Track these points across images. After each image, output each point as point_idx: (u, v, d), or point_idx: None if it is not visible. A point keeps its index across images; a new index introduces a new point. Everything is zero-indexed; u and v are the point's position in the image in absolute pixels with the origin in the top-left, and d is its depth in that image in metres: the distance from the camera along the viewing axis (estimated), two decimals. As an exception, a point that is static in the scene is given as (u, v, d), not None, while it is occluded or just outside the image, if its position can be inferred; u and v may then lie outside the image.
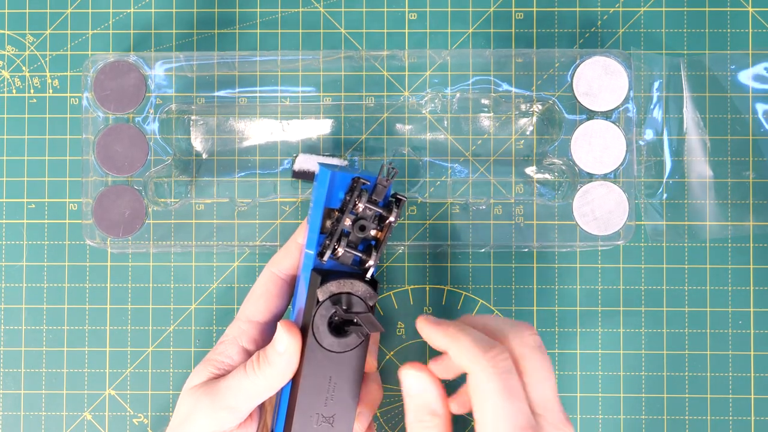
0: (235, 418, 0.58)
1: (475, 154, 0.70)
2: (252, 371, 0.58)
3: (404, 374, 0.58)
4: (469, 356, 0.54)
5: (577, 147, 0.67)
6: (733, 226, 0.70)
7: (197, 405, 0.58)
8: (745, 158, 0.70)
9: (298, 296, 0.61)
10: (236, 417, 0.58)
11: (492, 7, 0.72)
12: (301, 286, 0.60)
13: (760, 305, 0.70)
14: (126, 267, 0.71)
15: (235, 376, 0.58)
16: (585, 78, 0.66)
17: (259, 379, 0.58)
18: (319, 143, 0.71)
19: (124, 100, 0.67)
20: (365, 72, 0.71)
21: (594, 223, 0.66)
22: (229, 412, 0.58)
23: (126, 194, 0.67)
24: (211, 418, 0.58)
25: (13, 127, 0.72)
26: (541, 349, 0.56)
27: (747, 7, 0.71)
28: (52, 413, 0.71)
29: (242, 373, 0.58)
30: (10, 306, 0.71)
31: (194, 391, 0.59)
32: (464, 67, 0.69)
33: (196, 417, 0.58)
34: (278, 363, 0.57)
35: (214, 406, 0.58)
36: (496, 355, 0.54)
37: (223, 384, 0.58)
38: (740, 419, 0.70)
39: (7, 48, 0.72)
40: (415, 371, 0.57)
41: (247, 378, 0.58)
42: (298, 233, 0.63)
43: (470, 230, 0.69)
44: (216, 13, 0.72)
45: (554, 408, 0.55)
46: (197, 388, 0.59)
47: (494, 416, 0.53)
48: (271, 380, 0.58)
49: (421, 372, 0.57)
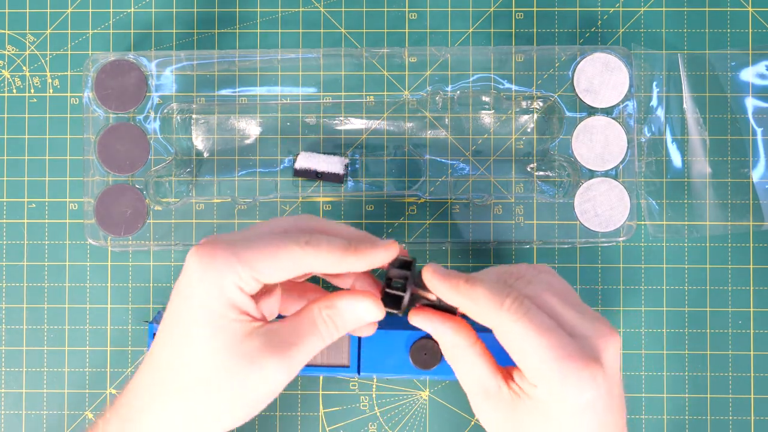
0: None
1: (476, 153, 0.70)
2: (331, 337, 0.57)
3: (414, 321, 0.59)
4: (487, 314, 0.55)
5: (578, 144, 0.67)
6: (733, 226, 0.70)
7: (265, 369, 0.55)
8: (745, 158, 0.71)
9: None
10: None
11: (492, 7, 0.72)
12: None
13: (760, 305, 0.70)
14: (126, 267, 0.71)
15: (310, 344, 0.56)
16: (586, 75, 0.67)
17: (333, 340, 0.57)
18: (319, 142, 0.71)
19: (125, 99, 0.67)
20: (365, 72, 0.71)
21: (595, 219, 0.66)
22: (301, 366, 0.56)
23: (127, 193, 0.67)
24: (289, 375, 0.56)
25: (13, 127, 0.72)
26: (548, 279, 0.58)
27: (747, 7, 0.71)
28: (53, 412, 0.71)
29: (319, 340, 0.56)
30: (11, 305, 0.71)
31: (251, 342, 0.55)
32: (465, 66, 0.70)
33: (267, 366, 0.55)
34: (356, 326, 0.58)
35: (290, 371, 0.55)
36: (512, 303, 0.54)
37: (296, 352, 0.55)
38: (740, 419, 0.70)
39: (7, 48, 0.72)
40: (421, 318, 0.58)
41: (324, 343, 0.56)
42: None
43: (470, 229, 0.69)
44: (216, 12, 0.72)
45: (591, 321, 0.55)
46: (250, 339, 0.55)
47: (537, 356, 0.53)
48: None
49: (426, 319, 0.58)
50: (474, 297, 0.55)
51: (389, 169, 0.71)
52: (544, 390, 0.54)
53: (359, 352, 0.67)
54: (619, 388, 0.56)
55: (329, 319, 0.56)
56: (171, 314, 0.56)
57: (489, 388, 0.58)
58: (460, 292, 0.56)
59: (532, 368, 0.54)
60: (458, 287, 0.56)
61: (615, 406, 0.55)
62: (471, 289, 0.55)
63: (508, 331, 0.54)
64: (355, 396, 0.71)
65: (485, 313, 0.55)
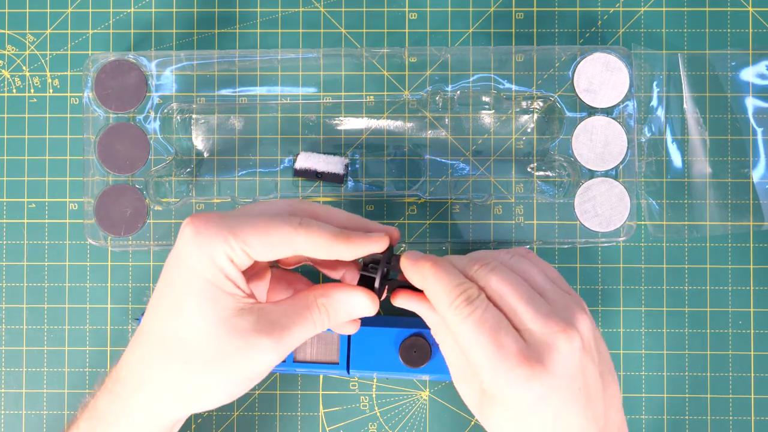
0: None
1: (476, 153, 0.70)
2: (322, 326, 0.57)
3: (396, 302, 0.60)
4: (439, 305, 0.56)
5: (578, 143, 0.67)
6: (733, 226, 0.70)
7: (255, 347, 0.55)
8: (745, 158, 0.71)
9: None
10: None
11: (492, 7, 0.72)
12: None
13: (760, 305, 0.70)
14: (126, 267, 0.71)
15: (302, 329, 0.56)
16: (586, 74, 0.67)
17: (323, 329, 0.58)
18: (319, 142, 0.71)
19: (125, 99, 0.67)
20: (365, 72, 0.71)
21: (595, 219, 0.66)
22: (290, 350, 0.57)
23: (127, 193, 0.67)
24: (277, 358, 0.56)
25: (13, 127, 0.72)
26: (517, 265, 0.58)
27: (747, 7, 0.71)
28: (53, 412, 0.71)
29: (311, 326, 0.56)
30: (11, 305, 0.71)
31: (244, 325, 0.55)
32: (465, 66, 0.70)
33: (257, 345, 0.55)
34: (347, 320, 0.58)
35: (279, 353, 0.55)
36: (461, 302, 0.55)
37: (287, 335, 0.56)
38: (740, 419, 0.70)
39: (7, 48, 0.72)
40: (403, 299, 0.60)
41: (315, 330, 0.57)
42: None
43: (470, 229, 0.69)
44: (216, 12, 0.72)
45: (546, 316, 0.55)
46: (238, 317, 0.55)
47: (478, 357, 0.54)
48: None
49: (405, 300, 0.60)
50: (428, 288, 0.56)
51: (389, 169, 0.71)
52: (492, 386, 0.55)
53: (349, 350, 0.67)
54: (583, 380, 0.55)
55: (323, 308, 0.57)
56: (162, 285, 0.56)
57: (466, 371, 0.59)
58: (423, 278, 0.57)
59: (477, 366, 0.55)
60: (423, 271, 0.57)
61: (578, 399, 0.55)
62: (424, 281, 0.56)
63: (454, 329, 0.55)
64: (355, 396, 0.71)
65: (436, 306, 0.56)
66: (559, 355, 0.54)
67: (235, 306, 0.55)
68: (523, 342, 0.54)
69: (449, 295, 0.55)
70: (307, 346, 0.68)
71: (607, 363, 0.58)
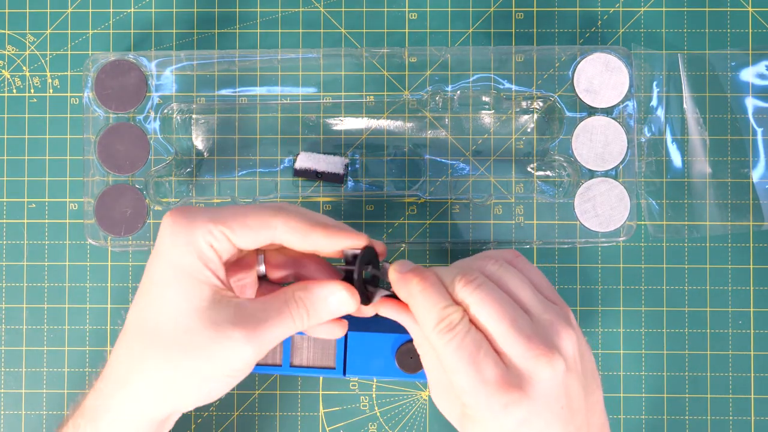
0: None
1: (476, 153, 0.70)
2: (301, 322, 0.57)
3: (381, 311, 0.59)
4: (422, 325, 0.56)
5: (578, 143, 0.67)
6: (733, 226, 0.70)
7: (230, 340, 0.54)
8: (745, 158, 0.71)
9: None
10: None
11: (492, 7, 0.72)
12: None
13: (760, 305, 0.70)
14: (126, 267, 0.71)
15: (280, 324, 0.56)
16: (586, 74, 0.67)
17: (303, 326, 0.57)
18: (319, 142, 0.71)
19: (125, 99, 0.67)
20: (365, 72, 0.71)
21: (595, 219, 0.66)
22: (268, 347, 0.56)
23: (127, 193, 0.67)
24: (254, 353, 0.55)
25: (13, 127, 0.72)
26: (503, 276, 0.57)
27: (747, 7, 0.71)
28: (53, 412, 0.71)
29: (289, 322, 0.56)
30: (11, 305, 0.71)
31: (221, 318, 0.55)
32: (465, 66, 0.70)
33: (232, 338, 0.55)
34: (328, 317, 0.58)
35: (256, 348, 0.55)
36: (443, 329, 0.55)
37: (263, 329, 0.55)
38: (740, 419, 0.70)
39: (7, 48, 0.72)
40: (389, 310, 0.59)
41: (294, 326, 0.56)
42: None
43: (470, 229, 0.69)
44: (216, 12, 0.72)
45: (528, 338, 0.55)
46: (218, 308, 0.55)
47: (460, 381, 0.54)
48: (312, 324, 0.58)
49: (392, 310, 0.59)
50: (413, 305, 0.56)
51: (389, 169, 0.71)
52: (472, 410, 0.55)
53: (345, 354, 0.67)
54: (566, 399, 0.55)
55: (301, 302, 0.56)
56: (143, 279, 0.56)
57: (448, 388, 0.58)
58: (410, 295, 0.56)
59: (458, 389, 0.55)
60: (410, 287, 0.56)
61: (560, 417, 0.55)
62: (411, 299, 0.56)
63: (437, 350, 0.55)
64: (355, 396, 0.71)
65: (420, 324, 0.56)
66: (540, 380, 0.54)
67: (213, 297, 0.55)
68: (504, 367, 0.54)
69: (433, 318, 0.55)
70: (303, 351, 0.68)
71: (591, 372, 0.58)
